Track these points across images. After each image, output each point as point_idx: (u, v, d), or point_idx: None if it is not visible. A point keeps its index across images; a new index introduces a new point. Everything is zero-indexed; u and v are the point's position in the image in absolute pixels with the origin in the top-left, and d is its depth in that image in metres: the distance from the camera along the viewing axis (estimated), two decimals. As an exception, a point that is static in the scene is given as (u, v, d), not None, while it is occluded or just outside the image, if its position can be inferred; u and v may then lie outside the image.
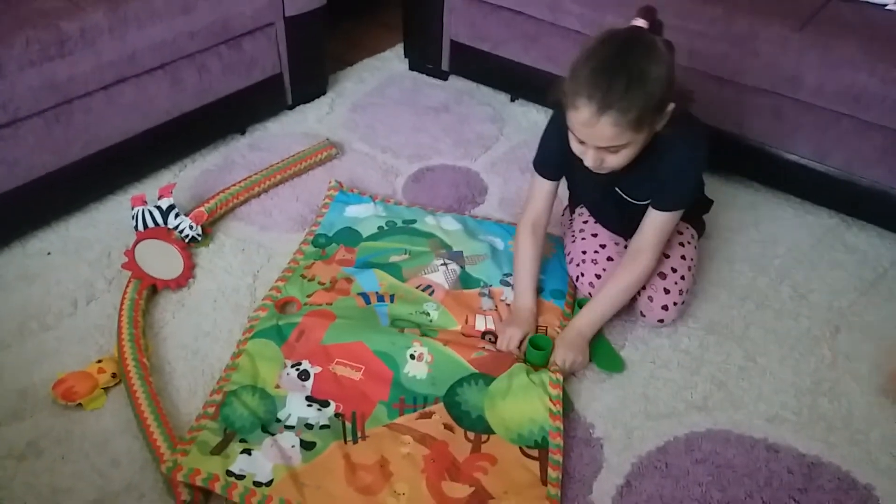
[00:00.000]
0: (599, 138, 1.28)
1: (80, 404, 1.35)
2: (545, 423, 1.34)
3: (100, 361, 1.41)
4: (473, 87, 2.47)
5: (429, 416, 1.36)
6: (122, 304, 1.51)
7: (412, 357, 1.44)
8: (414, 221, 1.82)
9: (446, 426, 1.34)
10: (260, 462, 1.24)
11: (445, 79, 2.50)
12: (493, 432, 1.34)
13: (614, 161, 1.33)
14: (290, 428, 1.32)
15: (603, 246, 1.61)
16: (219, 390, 1.38)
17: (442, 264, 1.68)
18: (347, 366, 1.43)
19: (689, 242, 1.61)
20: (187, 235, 1.69)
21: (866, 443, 1.38)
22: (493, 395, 1.39)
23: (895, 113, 1.69)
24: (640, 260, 1.47)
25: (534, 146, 2.16)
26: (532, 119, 2.31)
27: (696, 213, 1.67)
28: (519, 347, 1.49)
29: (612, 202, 1.56)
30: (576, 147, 1.35)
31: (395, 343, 1.45)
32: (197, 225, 1.69)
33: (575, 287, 1.65)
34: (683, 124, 1.36)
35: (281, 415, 1.34)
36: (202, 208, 1.74)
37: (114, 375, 1.39)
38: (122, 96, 1.75)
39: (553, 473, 1.26)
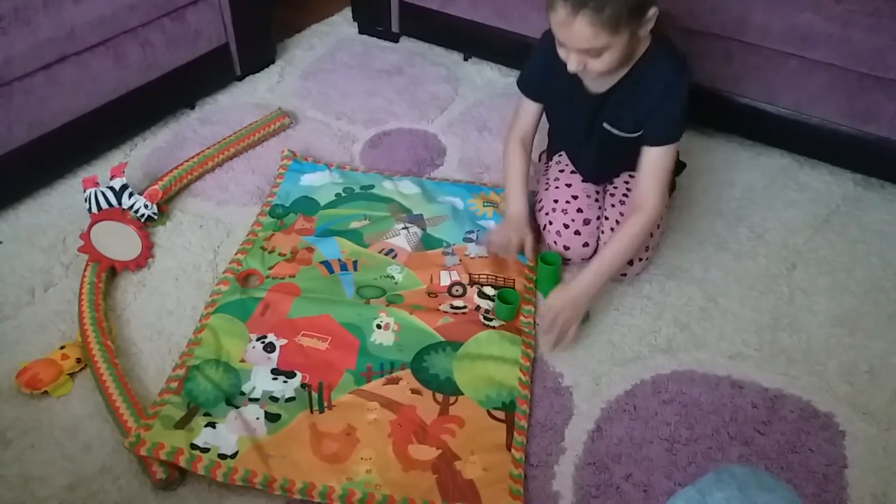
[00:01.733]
0: (578, 39, 1.29)
1: (46, 392, 1.33)
2: (514, 390, 1.35)
3: (63, 348, 1.39)
4: (425, 47, 2.44)
5: (396, 381, 1.36)
6: (81, 288, 1.49)
7: (378, 327, 1.44)
8: (372, 187, 1.81)
9: (413, 391, 1.35)
10: (224, 435, 1.25)
11: (396, 41, 2.47)
12: (461, 393, 1.35)
13: (597, 66, 1.34)
14: (255, 401, 1.32)
15: (575, 197, 1.60)
16: (181, 365, 1.37)
17: (403, 228, 1.68)
18: (313, 337, 1.43)
19: None
20: (143, 215, 1.66)
21: (825, 373, 1.43)
22: (461, 359, 1.40)
23: (840, 51, 1.71)
24: (647, 206, 1.45)
25: (490, 105, 2.17)
26: (486, 77, 2.30)
27: None
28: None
29: (595, 139, 1.55)
30: (560, 52, 1.36)
31: (361, 314, 1.46)
32: (152, 203, 1.66)
33: (539, 237, 1.65)
34: (666, 46, 1.37)
35: (245, 388, 1.34)
36: (156, 186, 1.70)
37: (78, 360, 1.37)
38: (64, 76, 1.70)
39: (519, 438, 1.28)
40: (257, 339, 1.42)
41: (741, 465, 1.17)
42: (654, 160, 1.45)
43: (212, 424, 1.26)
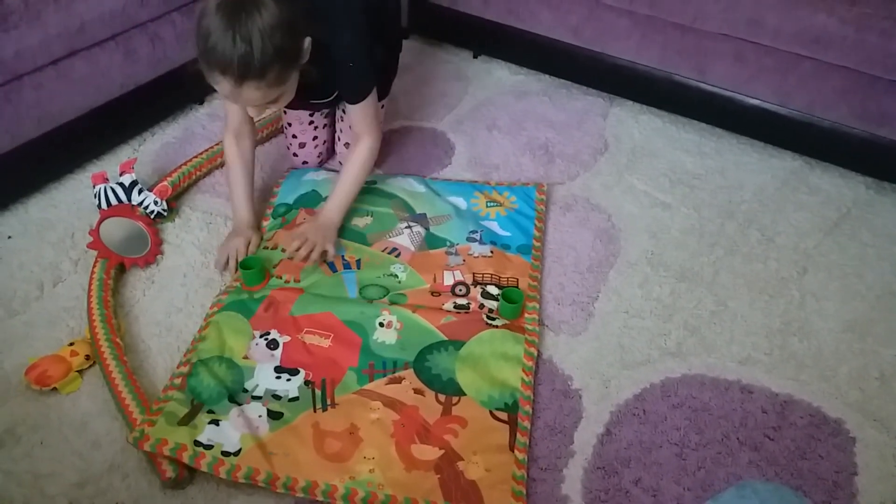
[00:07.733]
0: (250, 102, 1.35)
1: (55, 389, 1.33)
2: (516, 391, 1.35)
3: (72, 344, 1.38)
4: (435, 44, 2.43)
5: (398, 381, 1.36)
6: (90, 284, 1.49)
7: (381, 325, 1.44)
8: (374, 182, 1.81)
9: (416, 391, 1.34)
10: (227, 432, 1.25)
11: (406, 37, 2.46)
12: (463, 394, 1.34)
13: (275, 107, 1.43)
14: (258, 398, 1.32)
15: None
16: (186, 362, 1.37)
17: (406, 227, 1.67)
18: (316, 334, 1.42)
19: None
20: (152, 211, 1.65)
21: (835, 379, 1.42)
22: (464, 359, 1.39)
23: (854, 53, 1.70)
24: (363, 141, 1.59)
25: (499, 103, 2.17)
26: (497, 76, 2.29)
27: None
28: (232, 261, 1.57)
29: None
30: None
31: (363, 312, 1.45)
32: (162, 200, 1.66)
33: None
34: (330, 22, 1.43)
35: (248, 385, 1.34)
36: (166, 182, 1.70)
37: (87, 357, 1.37)
38: (74, 70, 1.69)
39: (521, 439, 1.28)
40: (261, 336, 1.42)
41: (763, 480, 1.17)
42: (357, 112, 1.57)
43: (215, 422, 1.26)
